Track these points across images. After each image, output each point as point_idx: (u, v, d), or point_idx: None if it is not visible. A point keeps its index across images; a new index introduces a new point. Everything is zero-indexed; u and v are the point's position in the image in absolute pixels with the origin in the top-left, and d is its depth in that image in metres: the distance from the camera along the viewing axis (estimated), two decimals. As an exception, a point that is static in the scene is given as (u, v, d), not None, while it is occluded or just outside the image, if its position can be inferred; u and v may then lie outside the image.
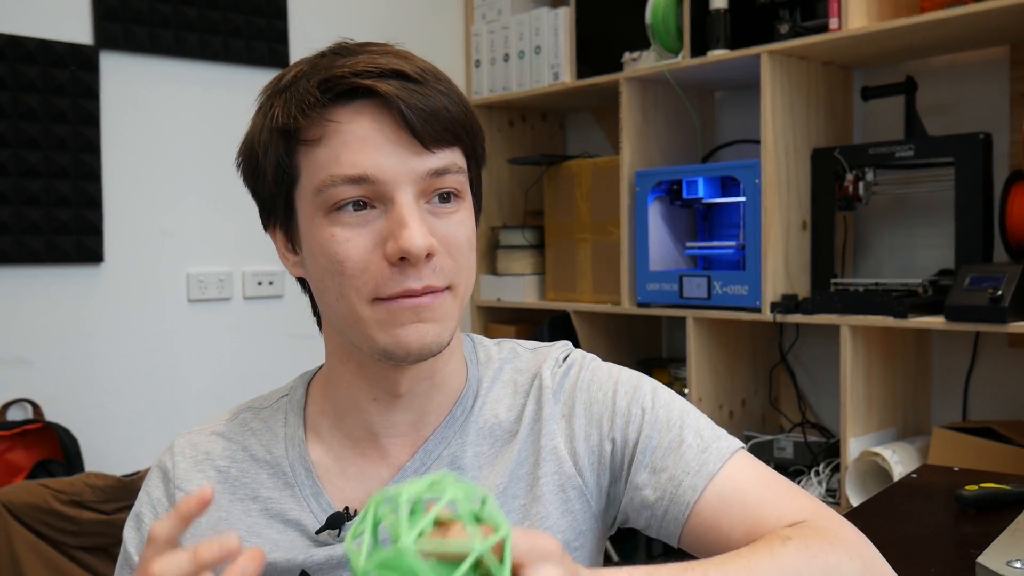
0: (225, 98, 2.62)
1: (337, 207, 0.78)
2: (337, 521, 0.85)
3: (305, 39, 2.78)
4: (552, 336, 2.75)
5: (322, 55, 0.83)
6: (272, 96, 0.83)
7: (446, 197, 0.81)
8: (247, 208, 0.91)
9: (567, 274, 2.79)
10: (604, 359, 0.94)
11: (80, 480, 1.96)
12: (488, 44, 2.97)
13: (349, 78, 0.78)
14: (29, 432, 2.24)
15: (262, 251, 2.67)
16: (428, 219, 0.79)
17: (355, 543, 0.57)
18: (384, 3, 2.98)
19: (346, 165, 0.77)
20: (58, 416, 2.33)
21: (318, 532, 0.85)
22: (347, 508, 0.86)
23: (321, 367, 0.95)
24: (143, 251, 2.49)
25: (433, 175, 0.79)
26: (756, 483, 0.82)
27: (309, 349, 2.72)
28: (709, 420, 0.88)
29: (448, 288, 0.81)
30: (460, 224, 0.82)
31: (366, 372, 0.86)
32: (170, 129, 2.54)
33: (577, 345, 1.17)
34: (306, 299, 0.91)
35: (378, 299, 0.79)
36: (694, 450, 0.83)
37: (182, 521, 0.67)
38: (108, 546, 1.96)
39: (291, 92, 0.80)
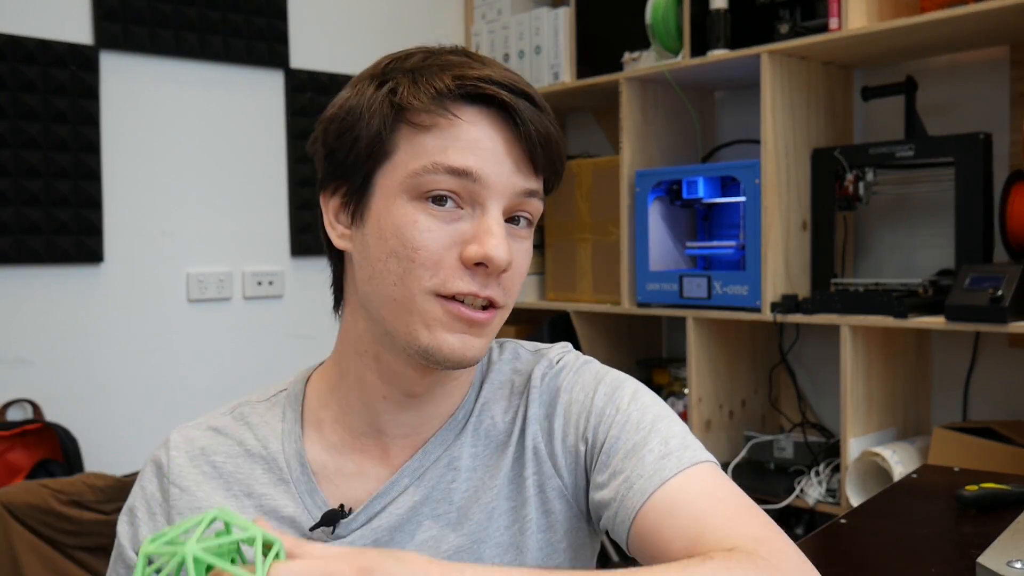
0: (225, 98, 2.62)
1: (428, 195, 0.79)
2: (332, 518, 0.84)
3: (305, 39, 2.79)
4: (552, 336, 2.75)
5: (446, 52, 0.83)
6: (394, 71, 0.82)
7: (523, 221, 0.83)
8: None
9: (567, 274, 2.79)
10: (604, 359, 0.94)
11: (80, 480, 1.96)
12: (488, 44, 2.97)
13: (486, 83, 0.79)
14: (29, 432, 2.24)
15: (262, 251, 2.68)
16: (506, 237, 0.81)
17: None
18: (384, 3, 2.98)
19: (453, 157, 0.78)
20: (58, 416, 2.33)
21: (312, 529, 0.85)
22: (342, 506, 0.85)
23: (321, 364, 0.94)
24: (143, 251, 2.49)
25: (525, 195, 0.81)
26: (709, 497, 0.78)
27: (309, 349, 2.73)
28: (686, 430, 0.84)
29: (503, 307, 0.82)
30: (526, 252, 0.84)
31: (383, 367, 0.85)
32: (170, 129, 2.54)
33: (577, 345, 1.16)
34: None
35: (439, 295, 0.79)
36: (654, 455, 0.80)
37: None
38: (108, 546, 1.94)
39: (420, 74, 0.80)
